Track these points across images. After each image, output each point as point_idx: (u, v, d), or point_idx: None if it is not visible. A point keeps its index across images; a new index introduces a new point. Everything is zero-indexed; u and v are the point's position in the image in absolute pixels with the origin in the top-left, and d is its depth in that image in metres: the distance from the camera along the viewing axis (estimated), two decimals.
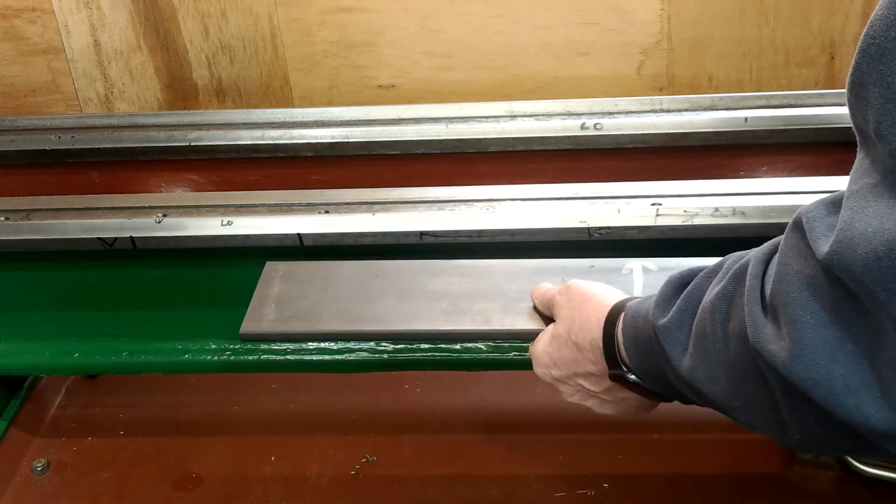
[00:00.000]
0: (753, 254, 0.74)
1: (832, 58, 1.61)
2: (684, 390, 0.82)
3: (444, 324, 1.12)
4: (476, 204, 1.25)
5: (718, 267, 0.79)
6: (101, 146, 1.47)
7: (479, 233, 1.21)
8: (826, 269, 0.63)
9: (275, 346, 1.21)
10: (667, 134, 1.39)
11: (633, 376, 0.90)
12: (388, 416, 1.42)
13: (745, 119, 1.38)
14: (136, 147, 1.46)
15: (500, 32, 1.63)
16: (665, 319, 0.81)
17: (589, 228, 1.19)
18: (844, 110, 1.44)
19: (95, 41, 1.68)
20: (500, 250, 1.25)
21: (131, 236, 1.24)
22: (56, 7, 1.65)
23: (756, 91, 1.60)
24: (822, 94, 1.40)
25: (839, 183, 1.21)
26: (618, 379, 0.92)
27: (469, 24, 1.63)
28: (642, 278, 1.11)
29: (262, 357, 1.35)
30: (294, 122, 1.47)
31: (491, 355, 1.31)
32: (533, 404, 1.40)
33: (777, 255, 0.69)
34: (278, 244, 1.24)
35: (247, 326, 1.16)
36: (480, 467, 1.32)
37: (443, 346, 1.32)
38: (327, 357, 1.34)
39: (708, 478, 1.27)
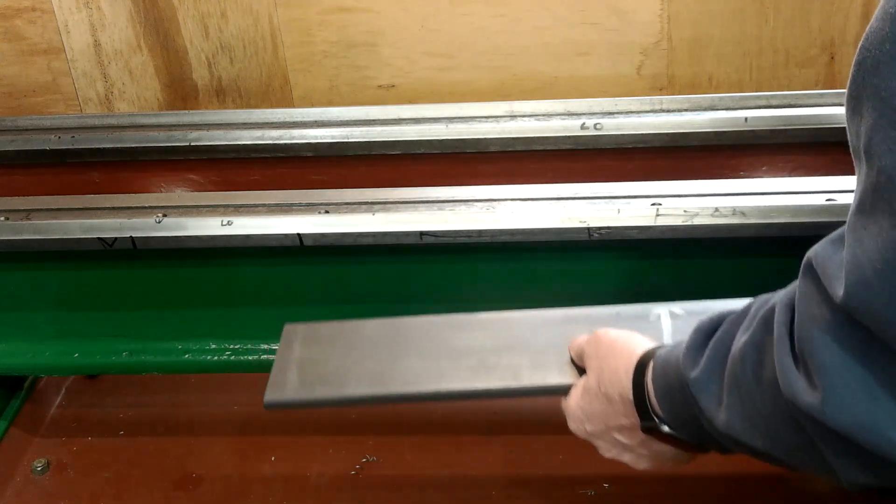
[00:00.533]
0: (779, 298, 0.72)
1: (832, 58, 1.61)
2: (724, 442, 0.79)
3: (474, 382, 1.07)
4: (476, 204, 1.25)
5: (745, 311, 0.77)
6: (101, 146, 1.46)
7: (479, 233, 1.21)
8: (845, 311, 0.62)
9: (274, 346, 1.20)
10: (667, 134, 1.39)
11: (666, 427, 0.86)
12: (388, 416, 1.42)
13: (745, 119, 1.38)
14: (136, 147, 1.46)
15: (500, 32, 1.63)
16: (696, 371, 0.79)
17: (589, 228, 1.19)
18: (844, 110, 1.44)
19: (95, 41, 1.68)
20: (500, 250, 1.25)
21: (131, 236, 1.24)
22: (56, 7, 1.65)
23: (756, 91, 1.60)
24: (822, 94, 1.40)
25: (839, 183, 1.21)
26: (651, 431, 0.88)
27: (469, 24, 1.63)
28: (670, 324, 1.07)
29: (262, 357, 1.35)
30: (294, 122, 1.47)
31: None
32: (533, 404, 1.40)
33: (796, 302, 0.68)
34: (278, 244, 1.24)
35: (271, 395, 1.10)
36: (480, 467, 1.32)
37: None
38: None
39: (708, 478, 1.27)
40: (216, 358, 1.36)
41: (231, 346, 1.36)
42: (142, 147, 1.46)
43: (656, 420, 0.86)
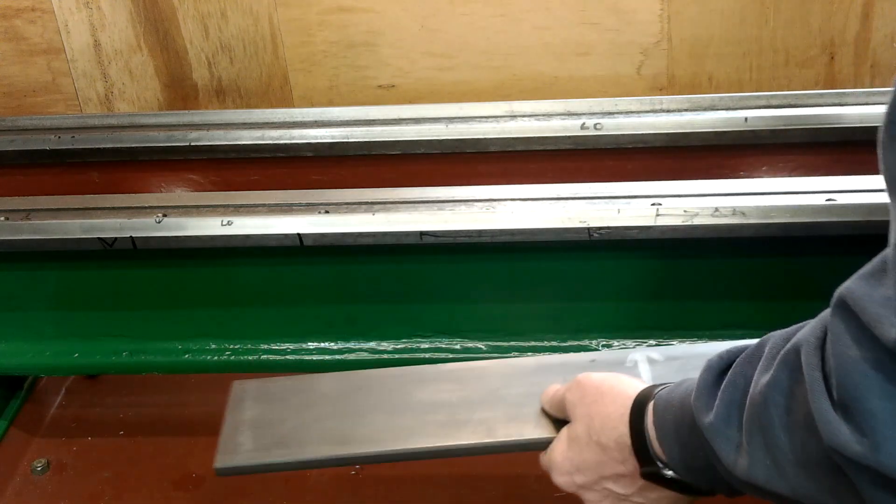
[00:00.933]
0: (803, 339, 0.68)
1: (832, 58, 1.61)
2: (741, 488, 0.76)
3: (445, 439, 1.00)
4: (476, 204, 1.25)
5: (759, 351, 0.74)
6: (101, 146, 1.46)
7: (479, 233, 1.21)
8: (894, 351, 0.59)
9: (274, 346, 1.20)
10: (667, 134, 1.39)
11: (670, 472, 0.82)
12: None
13: (745, 119, 1.38)
14: (137, 147, 1.46)
15: (500, 32, 1.63)
16: (710, 416, 0.75)
17: (589, 228, 1.19)
18: (844, 110, 1.45)
19: (95, 41, 1.68)
20: (500, 250, 1.25)
21: (131, 236, 1.24)
22: (56, 7, 1.65)
23: (756, 91, 1.60)
24: (822, 94, 1.40)
25: (839, 183, 1.21)
26: (652, 477, 0.84)
27: (469, 24, 1.63)
28: (649, 370, 1.02)
29: (262, 357, 1.35)
30: (294, 122, 1.47)
31: (491, 355, 1.31)
32: None
33: (829, 344, 0.64)
34: (278, 244, 1.24)
35: (223, 460, 1.00)
36: (480, 467, 1.32)
37: (443, 346, 1.33)
38: (327, 357, 1.35)
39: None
40: (216, 358, 1.36)
41: (231, 346, 1.36)
42: (142, 147, 1.46)
43: (659, 465, 0.83)
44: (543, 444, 0.97)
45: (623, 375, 0.92)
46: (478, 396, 1.04)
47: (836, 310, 0.64)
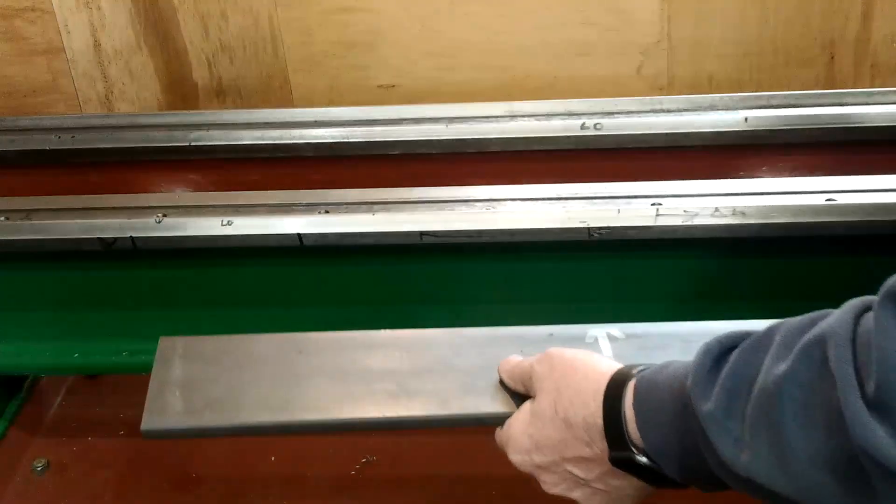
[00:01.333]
0: (830, 331, 0.63)
1: (832, 58, 1.61)
2: (732, 483, 0.71)
3: (394, 409, 0.93)
4: (476, 204, 1.25)
5: (768, 339, 0.69)
6: (101, 146, 1.46)
7: (479, 233, 1.21)
8: None
9: None
10: (667, 134, 1.39)
11: (644, 459, 0.77)
12: None
13: (745, 119, 1.38)
14: (137, 147, 1.46)
15: (501, 32, 1.63)
16: (709, 404, 0.70)
17: (589, 228, 1.19)
18: (844, 110, 1.45)
19: (95, 41, 1.68)
20: (500, 250, 1.25)
21: (131, 236, 1.24)
22: (56, 7, 1.65)
23: (756, 91, 1.60)
24: (821, 94, 1.40)
25: (839, 183, 1.21)
26: (622, 463, 0.78)
27: (469, 24, 1.63)
28: (609, 347, 0.97)
29: None
30: (294, 122, 1.47)
31: None
32: None
33: (872, 339, 0.60)
34: (278, 244, 1.24)
35: (149, 422, 0.93)
36: (480, 467, 1.32)
37: None
38: None
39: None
40: None
41: None
42: (142, 147, 1.46)
43: (633, 451, 0.77)
44: (500, 419, 0.91)
45: (597, 354, 0.87)
46: (428, 365, 0.97)
47: (885, 302, 0.60)
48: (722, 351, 0.73)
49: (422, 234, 1.22)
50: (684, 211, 1.19)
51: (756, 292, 1.28)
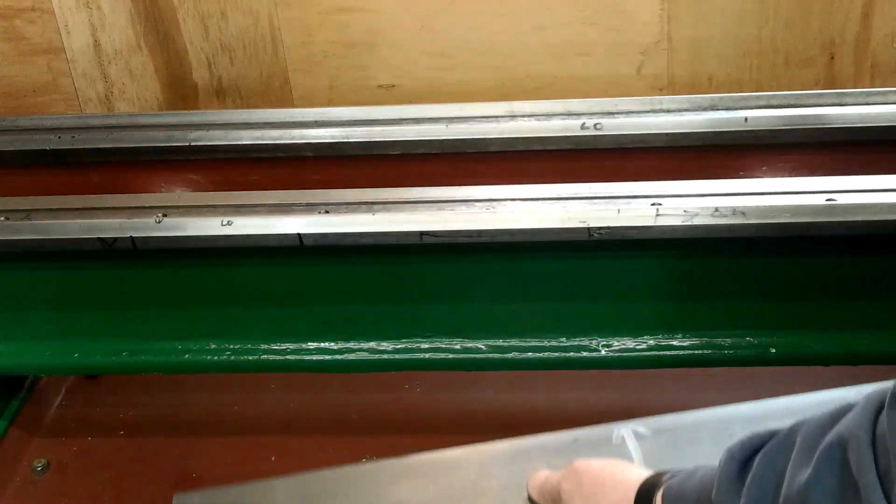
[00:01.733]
0: (848, 433, 0.62)
1: (832, 58, 1.61)
2: None
3: None
4: (476, 204, 1.25)
5: (789, 441, 0.68)
6: (102, 146, 1.46)
7: (479, 233, 1.21)
8: None
9: (274, 346, 1.20)
10: (667, 134, 1.39)
11: None
12: (388, 416, 1.41)
13: (745, 119, 1.38)
14: (137, 147, 1.46)
15: (501, 32, 1.63)
16: None
17: (589, 228, 1.19)
18: (844, 110, 1.45)
19: (95, 41, 1.68)
20: (500, 250, 1.25)
21: (131, 236, 1.24)
22: (56, 7, 1.65)
23: (756, 91, 1.60)
24: (821, 94, 1.40)
25: (839, 183, 1.21)
26: None
27: (469, 24, 1.63)
28: (637, 447, 0.94)
29: (262, 357, 1.35)
30: (294, 122, 1.47)
31: (491, 355, 1.31)
32: (533, 404, 1.40)
33: (889, 445, 0.58)
34: (278, 244, 1.24)
35: None
36: None
37: (443, 346, 1.33)
38: (327, 357, 1.35)
39: None
40: (216, 358, 1.36)
41: (231, 346, 1.36)
42: (142, 147, 1.46)
43: None
44: None
45: (622, 461, 0.87)
46: (455, 493, 0.94)
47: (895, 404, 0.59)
48: (745, 456, 0.71)
49: (422, 234, 1.22)
50: (684, 211, 1.19)
51: (756, 292, 1.28)
